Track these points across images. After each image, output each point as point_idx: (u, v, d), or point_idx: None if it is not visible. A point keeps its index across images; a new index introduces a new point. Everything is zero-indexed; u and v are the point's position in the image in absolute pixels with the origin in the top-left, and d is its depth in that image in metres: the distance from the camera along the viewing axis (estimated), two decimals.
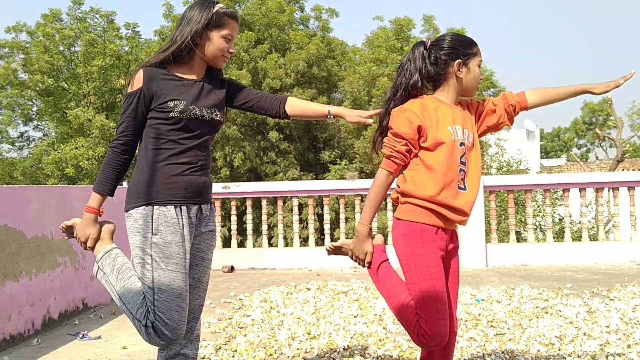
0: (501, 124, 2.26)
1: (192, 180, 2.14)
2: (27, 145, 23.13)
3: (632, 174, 7.25)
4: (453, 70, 2.14)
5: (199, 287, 2.26)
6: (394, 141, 2.11)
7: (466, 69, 2.13)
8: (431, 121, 2.07)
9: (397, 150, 2.10)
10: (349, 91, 14.57)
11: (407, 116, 2.08)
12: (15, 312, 3.65)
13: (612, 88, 2.20)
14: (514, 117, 2.26)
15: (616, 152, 16.33)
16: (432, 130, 2.07)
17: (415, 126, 2.07)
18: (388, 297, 2.16)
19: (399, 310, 2.11)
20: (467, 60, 2.13)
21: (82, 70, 17.03)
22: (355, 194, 7.04)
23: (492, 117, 2.25)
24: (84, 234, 2.17)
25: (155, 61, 2.15)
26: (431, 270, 2.04)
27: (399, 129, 2.09)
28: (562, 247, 6.72)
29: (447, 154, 2.06)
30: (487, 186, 6.83)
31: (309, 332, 3.68)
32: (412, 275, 2.06)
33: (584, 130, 45.79)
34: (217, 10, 2.14)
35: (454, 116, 2.12)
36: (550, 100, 2.27)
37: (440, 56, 2.14)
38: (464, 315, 4.00)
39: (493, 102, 2.25)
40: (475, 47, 2.15)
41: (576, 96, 2.27)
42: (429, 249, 2.06)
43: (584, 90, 2.23)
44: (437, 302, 2.02)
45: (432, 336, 2.01)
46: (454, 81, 2.15)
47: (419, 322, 2.03)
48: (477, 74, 2.16)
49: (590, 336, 3.41)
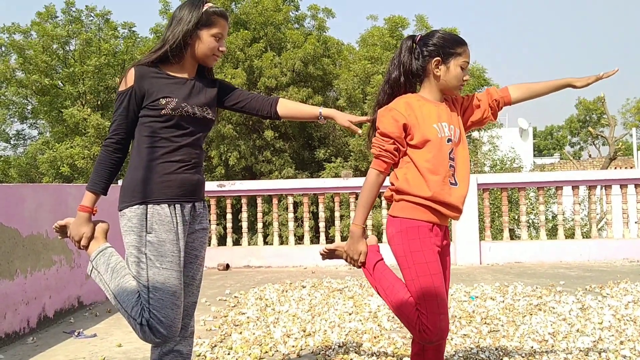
0: (485, 119, 2.29)
1: (186, 179, 2.15)
2: (23, 143, 23.05)
3: (624, 172, 7.32)
4: (431, 68, 2.16)
5: (192, 285, 2.27)
6: (382, 141, 2.14)
7: (445, 67, 2.14)
8: (416, 119, 2.10)
9: (385, 149, 2.12)
10: (344, 89, 14.57)
11: (393, 115, 2.11)
12: (10, 310, 3.65)
13: (592, 81, 2.23)
14: (497, 112, 2.30)
15: (609, 150, 16.42)
16: (417, 128, 2.09)
17: (401, 124, 2.10)
18: (386, 296, 2.17)
19: (398, 308, 2.12)
20: (447, 59, 2.14)
21: (78, 69, 16.96)
22: (350, 192, 7.05)
23: (477, 112, 2.28)
24: (77, 233, 2.17)
25: (147, 60, 2.16)
26: (429, 266, 2.06)
27: (386, 129, 2.12)
28: (555, 244, 6.76)
29: (435, 151, 2.08)
30: (481, 184, 6.86)
31: (304, 329, 3.69)
32: (410, 272, 2.08)
33: (579, 128, 45.95)
34: (207, 10, 2.15)
35: (439, 113, 2.15)
36: (533, 94, 2.31)
37: (422, 52, 2.17)
38: (458, 312, 4.03)
39: (477, 97, 2.29)
40: (460, 47, 2.14)
41: (559, 90, 2.31)
42: (426, 245, 2.08)
43: (566, 83, 2.27)
44: (436, 297, 2.04)
45: (433, 331, 2.03)
46: (433, 78, 2.18)
47: (419, 318, 2.05)
48: (457, 74, 2.14)
49: (583, 333, 3.43)
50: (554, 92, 2.33)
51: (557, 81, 2.29)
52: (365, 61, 14.62)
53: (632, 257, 6.55)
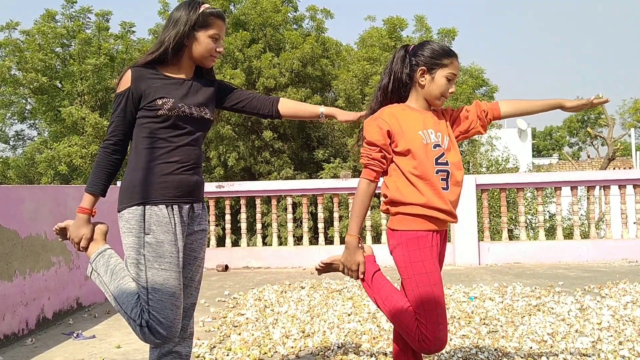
0: (472, 129, 2.31)
1: (184, 179, 2.15)
2: (22, 144, 23.00)
3: (622, 172, 7.32)
4: (417, 77, 2.19)
5: (191, 286, 2.27)
6: (369, 150, 2.17)
7: (430, 77, 2.18)
8: (400, 128, 2.13)
9: (372, 157, 2.16)
10: (343, 89, 14.58)
11: (378, 124, 2.15)
12: (9, 311, 3.65)
13: (582, 104, 2.25)
14: (486, 124, 2.31)
15: (607, 151, 16.46)
16: (401, 135, 2.12)
17: (385, 131, 2.13)
18: (384, 306, 2.18)
19: (397, 318, 2.13)
20: (433, 70, 2.17)
21: (77, 68, 16.94)
22: (349, 193, 7.05)
23: (464, 122, 2.31)
24: (77, 234, 2.17)
25: (144, 62, 2.17)
26: (429, 276, 2.07)
27: (372, 137, 2.15)
28: (554, 244, 6.77)
29: (421, 157, 2.10)
30: (480, 185, 6.86)
31: (303, 330, 3.70)
32: (410, 282, 2.09)
33: (577, 128, 46.02)
34: (203, 11, 2.16)
35: (424, 120, 2.18)
36: (523, 112, 2.34)
37: (411, 61, 2.21)
38: (457, 313, 4.03)
39: (466, 109, 2.32)
40: (447, 59, 2.17)
41: (549, 110, 2.34)
42: (426, 255, 2.09)
43: (557, 104, 2.30)
44: (436, 307, 2.05)
45: (433, 341, 2.04)
46: (418, 88, 2.21)
47: (419, 327, 2.06)
48: (441, 85, 2.17)
49: (582, 333, 3.44)
50: (545, 112, 2.37)
51: (548, 101, 2.32)
52: (364, 62, 14.63)
53: (631, 258, 6.56)
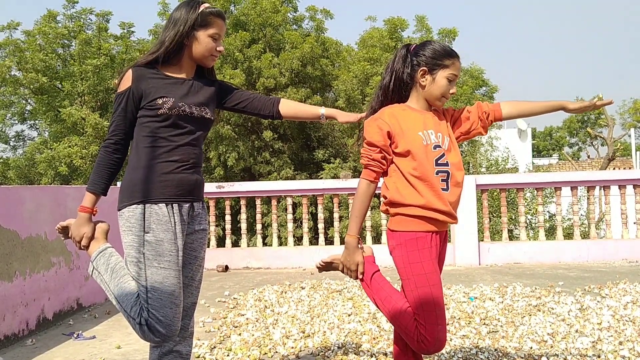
0: (473, 130, 2.30)
1: (184, 178, 2.16)
2: (23, 145, 23.00)
3: (622, 172, 7.31)
4: (417, 78, 2.19)
5: (191, 285, 2.27)
6: (369, 150, 2.17)
7: (431, 78, 2.17)
8: (400, 128, 2.13)
9: (372, 158, 2.15)
10: (343, 90, 14.58)
11: (378, 124, 2.15)
12: (9, 312, 3.65)
13: (585, 106, 2.25)
14: (487, 125, 2.31)
15: (607, 151, 16.46)
16: (401, 136, 2.12)
17: (385, 132, 2.13)
18: (384, 307, 2.18)
19: (396, 318, 2.13)
20: (434, 70, 2.16)
21: (77, 69, 16.94)
22: (349, 193, 7.05)
23: (465, 123, 2.30)
24: (78, 233, 2.18)
25: (144, 61, 2.17)
26: (428, 277, 2.07)
27: (372, 138, 2.15)
28: (554, 245, 6.76)
29: (421, 158, 2.10)
30: (480, 185, 6.87)
31: (304, 330, 3.70)
32: (410, 283, 2.09)
33: (577, 129, 46.03)
34: (203, 10, 2.16)
35: (425, 121, 2.17)
36: (525, 113, 2.33)
37: (412, 61, 2.20)
38: (457, 313, 4.03)
39: (467, 109, 2.31)
40: (449, 59, 2.16)
41: (551, 111, 2.33)
42: (425, 256, 2.09)
43: (559, 106, 2.30)
44: (435, 308, 2.05)
45: (431, 342, 2.04)
46: (419, 88, 2.21)
47: (417, 328, 2.06)
48: (442, 86, 2.17)
49: (582, 333, 3.44)
50: (547, 114, 2.37)
51: (551, 102, 2.31)
52: (364, 62, 14.64)
53: (631, 258, 6.56)
